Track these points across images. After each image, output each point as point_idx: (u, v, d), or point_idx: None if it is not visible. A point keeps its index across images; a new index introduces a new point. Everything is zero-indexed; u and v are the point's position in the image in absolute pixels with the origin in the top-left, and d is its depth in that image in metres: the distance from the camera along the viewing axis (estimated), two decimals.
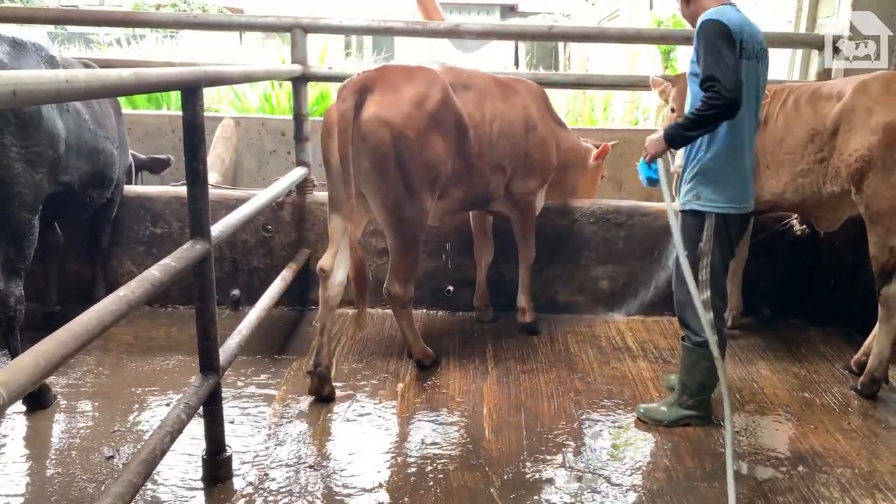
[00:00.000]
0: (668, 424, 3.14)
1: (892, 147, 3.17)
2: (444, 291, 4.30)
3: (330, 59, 11.43)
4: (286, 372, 3.54)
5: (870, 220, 3.33)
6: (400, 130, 3.05)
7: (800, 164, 3.53)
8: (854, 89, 3.34)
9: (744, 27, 2.72)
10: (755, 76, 2.79)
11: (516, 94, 3.72)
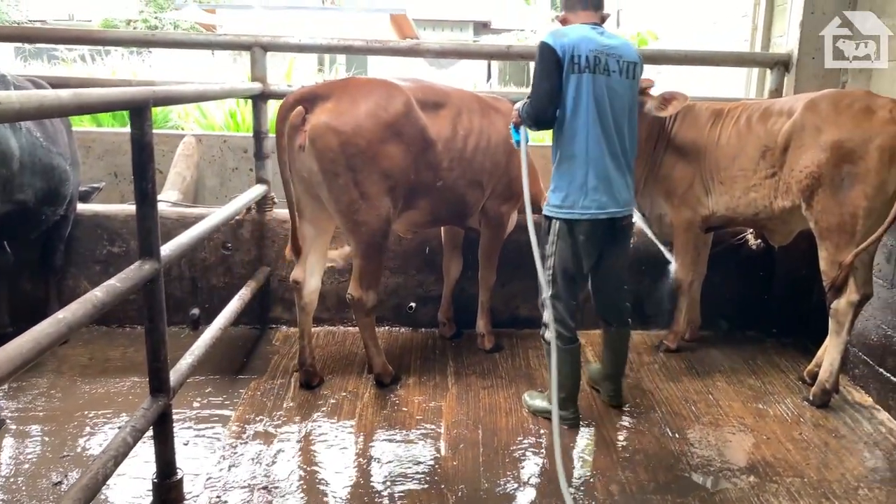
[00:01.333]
0: (534, 413, 3.36)
1: (840, 165, 3.23)
2: (406, 308, 4.30)
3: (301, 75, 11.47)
4: (244, 392, 3.51)
5: (819, 235, 3.39)
6: (349, 138, 3.13)
7: (752, 179, 3.59)
8: (804, 107, 3.40)
9: (582, 43, 2.87)
10: (602, 88, 2.89)
11: (498, 113, 3.75)
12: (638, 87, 3.08)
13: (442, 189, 3.49)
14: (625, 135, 3.00)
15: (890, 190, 3.18)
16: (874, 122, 3.17)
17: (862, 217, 3.21)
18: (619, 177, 3.02)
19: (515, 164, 3.79)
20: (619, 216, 3.05)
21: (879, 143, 3.13)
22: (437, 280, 4.27)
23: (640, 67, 3.07)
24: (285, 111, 3.19)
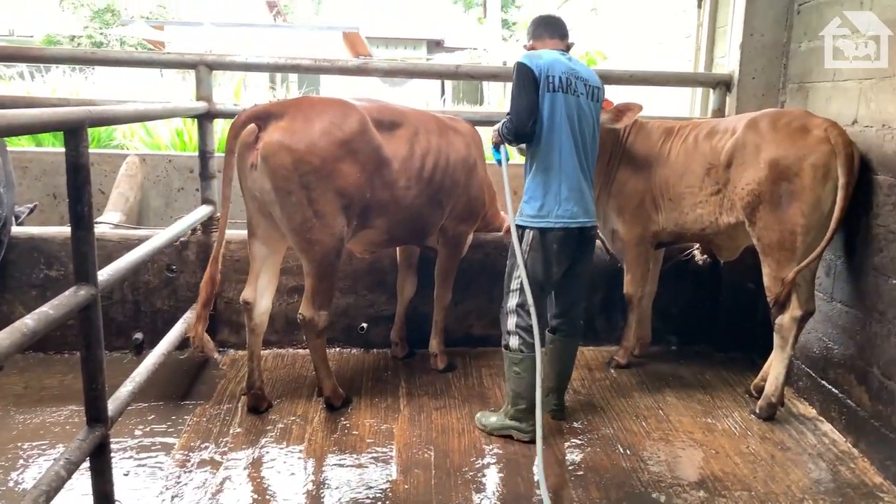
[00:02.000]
0: (490, 432, 3.36)
1: (779, 182, 3.31)
2: (357, 329, 4.25)
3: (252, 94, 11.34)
4: (189, 418, 3.41)
5: (762, 252, 3.46)
6: (302, 156, 3.11)
7: (698, 196, 3.67)
8: (745, 126, 3.50)
9: (555, 66, 3.07)
10: (573, 107, 3.09)
11: (457, 133, 3.78)
12: (599, 111, 3.28)
13: (399, 206, 3.48)
14: (589, 151, 3.21)
15: (826, 207, 3.26)
16: (808, 140, 3.26)
17: (800, 234, 3.29)
18: (587, 188, 3.21)
19: (474, 184, 3.83)
20: (589, 226, 3.21)
21: (813, 160, 3.22)
22: (388, 300, 4.24)
23: (603, 92, 3.29)
24: (237, 129, 3.16)
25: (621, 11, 8.89)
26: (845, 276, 3.51)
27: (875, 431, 3.23)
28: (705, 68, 5.03)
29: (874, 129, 3.30)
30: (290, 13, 37.56)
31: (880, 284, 3.23)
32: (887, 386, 3.16)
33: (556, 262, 3.17)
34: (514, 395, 3.28)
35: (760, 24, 4.21)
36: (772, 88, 4.29)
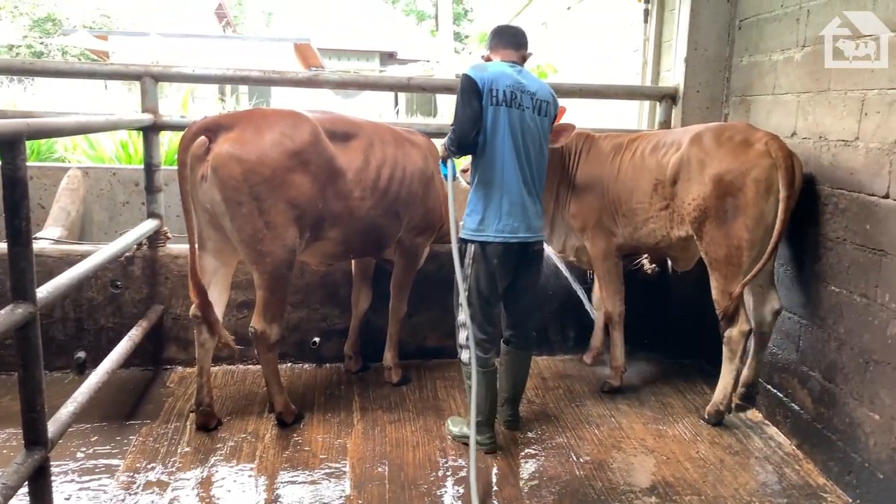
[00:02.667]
0: (454, 438, 3.42)
1: (723, 198, 3.32)
2: (309, 344, 4.19)
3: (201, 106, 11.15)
4: (134, 439, 3.30)
5: (710, 265, 3.49)
6: (252, 166, 3.08)
7: (649, 211, 3.68)
8: (689, 141, 3.51)
9: (500, 79, 3.04)
10: (516, 121, 3.06)
11: (414, 145, 3.79)
12: (549, 125, 3.23)
13: (354, 218, 3.46)
14: (534, 166, 3.16)
15: (769, 221, 3.29)
16: (750, 154, 3.29)
17: (746, 248, 3.32)
18: (531, 204, 3.17)
19: (432, 196, 3.83)
20: (531, 241, 3.17)
21: (755, 175, 3.25)
22: (341, 313, 4.19)
23: (554, 106, 3.22)
24: (188, 141, 3.12)
25: (571, 25, 9.05)
26: (787, 284, 3.62)
27: (818, 433, 3.32)
28: (652, 81, 5.14)
29: (812, 142, 3.42)
30: (240, 24, 37.19)
31: (820, 291, 3.34)
32: (829, 389, 3.26)
33: (498, 275, 3.17)
34: (474, 408, 3.22)
35: (704, 40, 4.33)
36: (715, 101, 4.42)
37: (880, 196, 2.93)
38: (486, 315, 3.22)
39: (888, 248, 2.88)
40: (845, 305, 3.15)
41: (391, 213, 3.61)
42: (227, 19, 30.88)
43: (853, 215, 3.11)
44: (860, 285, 3.05)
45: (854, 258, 3.09)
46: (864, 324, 3.02)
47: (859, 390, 3.04)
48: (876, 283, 2.95)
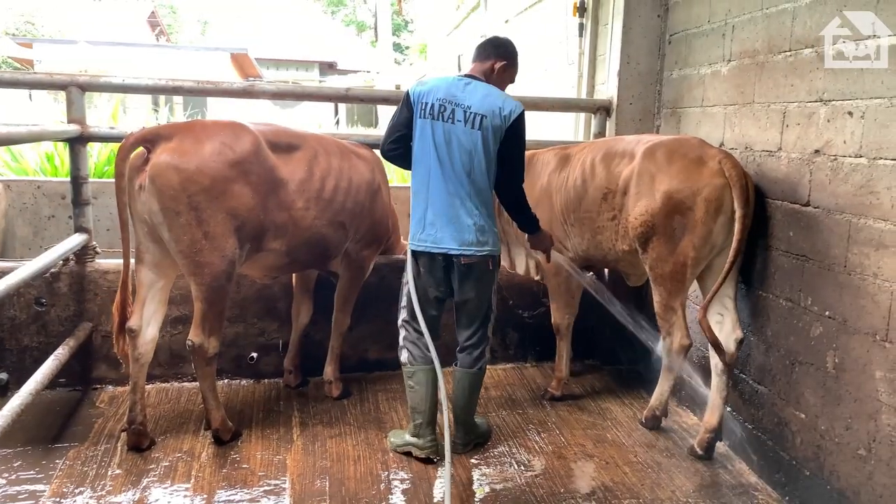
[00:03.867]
0: (394, 450, 3.40)
1: (671, 215, 3.27)
2: (247, 359, 4.10)
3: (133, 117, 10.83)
4: (61, 462, 3.16)
5: (653, 280, 3.46)
6: (191, 175, 3.03)
7: (596, 221, 3.64)
8: (642, 154, 3.44)
9: (433, 92, 3.08)
10: (447, 135, 3.06)
11: (360, 157, 3.77)
12: (491, 138, 3.08)
13: (298, 229, 3.41)
14: (467, 180, 3.09)
15: (717, 240, 3.28)
16: (703, 173, 3.21)
17: (690, 266, 3.30)
18: (466, 216, 3.11)
19: (378, 208, 3.82)
20: (457, 254, 3.12)
21: (706, 195, 3.18)
22: (279, 327, 4.12)
23: (493, 119, 3.06)
24: (125, 151, 3.06)
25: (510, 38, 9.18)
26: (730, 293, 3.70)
27: (748, 433, 3.43)
28: (588, 94, 5.25)
29: (738, 152, 3.55)
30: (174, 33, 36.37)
31: (748, 296, 3.46)
32: (758, 391, 3.37)
33: (427, 284, 3.22)
34: (411, 410, 3.34)
35: (636, 54, 4.46)
36: (648, 113, 4.54)
37: (801, 204, 3.06)
38: (424, 318, 3.23)
39: (810, 254, 3.01)
40: (772, 310, 3.27)
41: (336, 223, 3.58)
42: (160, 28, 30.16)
43: (777, 222, 3.24)
44: (785, 290, 3.18)
45: (779, 264, 3.22)
46: (789, 327, 3.15)
47: (786, 391, 3.16)
48: (799, 287, 3.07)
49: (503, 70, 3.25)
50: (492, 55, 3.25)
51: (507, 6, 9.06)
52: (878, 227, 2.63)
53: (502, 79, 3.28)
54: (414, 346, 3.28)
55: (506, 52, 3.27)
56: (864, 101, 2.70)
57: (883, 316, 2.60)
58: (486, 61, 3.24)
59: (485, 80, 3.19)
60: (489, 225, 3.18)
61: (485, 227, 3.15)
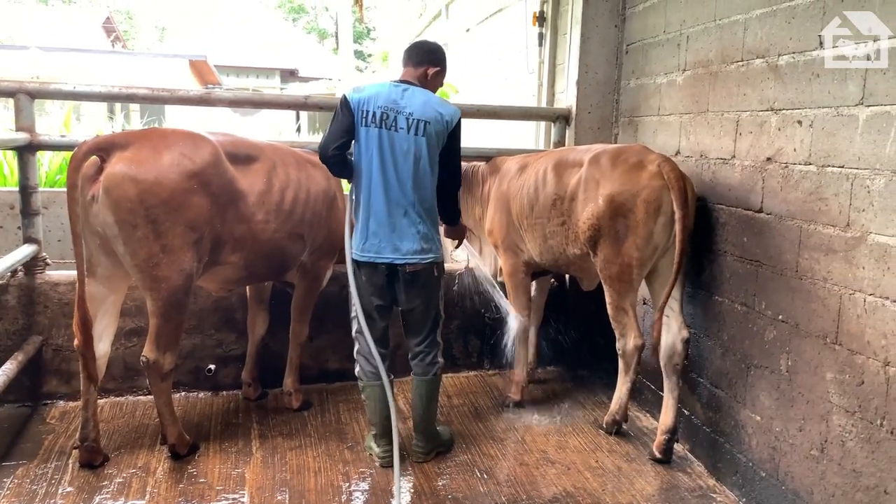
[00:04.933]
0: (368, 452, 3.45)
1: (616, 218, 3.37)
2: (205, 371, 4.02)
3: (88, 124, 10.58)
4: (8, 481, 3.05)
5: (604, 282, 3.55)
6: (149, 187, 2.94)
7: (547, 227, 3.73)
8: (589, 161, 3.55)
9: (373, 99, 3.06)
10: (386, 142, 3.05)
11: (316, 166, 3.71)
12: (434, 143, 3.10)
13: (257, 241, 3.36)
14: (413, 188, 3.08)
15: (659, 241, 3.37)
16: (642, 176, 3.35)
17: (636, 266, 3.40)
18: (408, 226, 3.11)
19: (335, 217, 3.79)
20: (400, 264, 3.12)
21: (645, 196, 3.32)
22: (237, 339, 4.05)
23: (435, 125, 3.08)
24: (78, 161, 2.94)
25: (472, 47, 9.22)
26: (676, 295, 3.78)
27: (707, 436, 3.49)
28: (548, 103, 5.29)
29: (694, 160, 3.61)
30: (130, 39, 35.74)
31: (705, 301, 3.52)
32: (715, 394, 3.43)
33: (370, 293, 3.22)
34: (368, 420, 3.38)
35: (594, 63, 4.51)
36: (606, 122, 4.60)
37: (755, 210, 3.13)
38: (372, 329, 3.23)
39: (763, 259, 3.07)
40: (728, 314, 3.33)
41: (295, 235, 3.53)
42: (116, 34, 29.55)
43: (732, 228, 3.30)
44: (740, 295, 3.24)
45: (734, 269, 3.28)
46: (744, 331, 3.21)
47: (742, 394, 3.22)
48: (754, 292, 3.14)
49: (436, 76, 3.27)
50: (424, 61, 3.25)
51: (469, 15, 9.11)
52: (827, 232, 2.70)
53: (434, 84, 3.29)
54: (365, 361, 3.28)
55: (437, 59, 3.29)
56: (812, 110, 2.78)
57: (833, 319, 2.67)
58: (419, 67, 3.23)
59: (419, 84, 3.19)
60: (432, 232, 3.20)
61: (428, 235, 3.17)
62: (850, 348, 2.59)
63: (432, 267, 3.21)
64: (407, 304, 3.22)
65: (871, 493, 2.49)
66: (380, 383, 3.24)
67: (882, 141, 2.45)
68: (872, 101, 2.49)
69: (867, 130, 2.51)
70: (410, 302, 3.21)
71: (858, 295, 2.55)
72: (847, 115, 2.60)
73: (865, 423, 2.52)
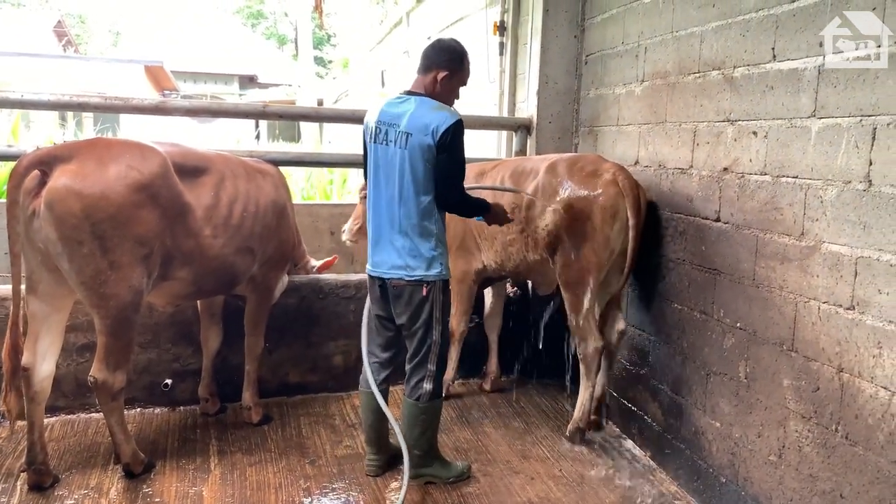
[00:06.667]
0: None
1: (573, 223, 3.47)
2: (161, 386, 3.91)
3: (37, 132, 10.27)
4: None
5: (562, 286, 3.63)
6: (94, 202, 2.83)
7: (507, 234, 3.78)
8: (545, 169, 3.64)
9: (372, 115, 3.06)
10: (383, 158, 3.01)
11: (265, 175, 3.66)
12: (423, 156, 2.91)
13: (206, 256, 3.27)
14: (405, 201, 2.98)
15: (615, 246, 3.48)
16: (598, 183, 3.46)
17: (594, 271, 3.48)
18: (395, 240, 3.03)
19: (285, 227, 3.74)
20: (387, 278, 3.07)
21: (602, 203, 3.42)
22: (195, 352, 3.95)
23: (428, 135, 2.88)
24: (19, 175, 2.81)
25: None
26: (637, 303, 3.83)
27: (668, 443, 3.52)
28: (509, 112, 5.31)
29: (652, 169, 3.66)
30: (83, 44, 34.92)
31: (665, 309, 3.56)
32: (676, 401, 3.46)
33: (373, 304, 3.24)
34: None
35: (554, 73, 4.54)
36: (566, 132, 4.64)
37: (712, 220, 3.18)
38: (371, 338, 3.28)
39: (721, 268, 3.12)
40: (687, 322, 3.37)
41: (244, 249, 3.46)
42: (67, 38, 28.81)
43: (690, 237, 3.35)
44: (699, 302, 3.28)
45: (693, 277, 3.32)
46: (703, 338, 3.25)
47: (702, 401, 3.26)
48: (712, 300, 3.18)
49: (447, 80, 3.02)
50: (433, 65, 3.02)
51: (430, 23, 9.12)
52: (783, 241, 2.75)
53: (449, 89, 3.05)
54: (366, 367, 3.27)
55: (447, 61, 3.02)
56: (766, 121, 2.83)
57: (789, 326, 2.72)
58: (428, 73, 3.02)
59: (426, 93, 3.01)
60: (425, 248, 3.01)
61: (416, 251, 3.01)
62: (806, 355, 2.64)
63: (421, 286, 3.02)
64: (397, 319, 3.16)
65: (828, 498, 2.53)
66: (368, 391, 3.21)
67: (834, 152, 2.50)
68: (824, 114, 2.55)
69: (819, 142, 2.57)
70: (399, 317, 3.14)
71: (813, 303, 2.60)
72: (800, 127, 2.66)
73: (821, 428, 2.57)
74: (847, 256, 2.45)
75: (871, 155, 2.36)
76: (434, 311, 3.06)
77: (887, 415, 2.29)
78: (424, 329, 3.08)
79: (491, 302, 4.45)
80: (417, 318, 3.07)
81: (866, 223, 2.38)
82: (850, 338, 2.44)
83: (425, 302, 3.05)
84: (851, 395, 2.44)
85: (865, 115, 2.39)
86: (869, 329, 2.37)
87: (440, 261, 3.06)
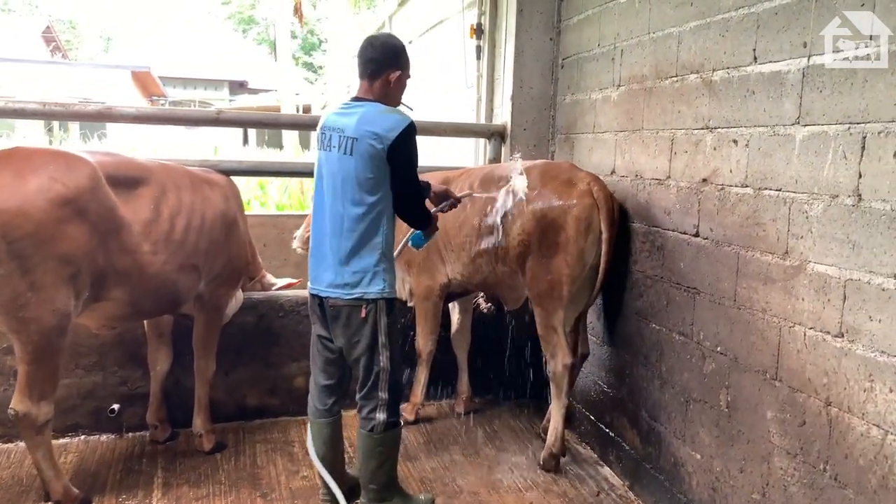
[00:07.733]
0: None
1: (545, 233, 3.29)
2: (107, 411, 3.66)
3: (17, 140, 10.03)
4: None
5: (533, 300, 3.45)
6: (11, 219, 2.58)
7: (476, 245, 3.59)
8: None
9: (323, 121, 2.83)
10: (327, 165, 2.76)
11: (213, 187, 3.40)
12: (368, 162, 2.66)
13: (144, 275, 3.02)
14: (348, 211, 2.71)
15: (588, 258, 3.30)
16: (572, 193, 3.28)
17: (566, 283, 3.29)
18: (334, 254, 2.74)
19: (235, 241, 3.50)
20: (327, 296, 2.78)
21: (576, 213, 3.24)
22: (144, 375, 3.70)
23: (376, 140, 2.64)
24: None
25: (415, 59, 9.02)
26: (613, 321, 3.60)
27: (647, 473, 3.28)
28: (486, 118, 5.09)
29: (629, 179, 3.43)
30: (73, 50, 34.64)
31: (642, 328, 3.33)
32: (655, 428, 3.23)
33: (315, 323, 2.92)
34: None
35: (529, 78, 4.32)
36: (542, 139, 4.41)
37: (691, 234, 2.95)
38: (317, 365, 2.94)
39: (700, 287, 2.89)
40: (665, 343, 3.14)
41: (189, 267, 3.20)
42: (55, 43, 28.56)
43: (668, 253, 3.12)
44: (678, 323, 3.05)
45: (671, 296, 3.09)
46: (683, 362, 3.02)
47: (681, 429, 3.02)
48: (691, 321, 2.95)
49: (399, 80, 2.81)
50: (384, 68, 2.76)
51: (411, 27, 8.91)
52: (766, 259, 2.52)
53: (400, 87, 2.84)
54: (311, 398, 2.99)
55: (396, 59, 2.80)
56: (748, 129, 2.61)
57: (772, 353, 2.49)
58: (378, 77, 2.76)
59: (377, 98, 2.76)
60: (368, 263, 2.73)
61: (357, 266, 2.73)
62: (791, 385, 2.41)
63: (360, 307, 2.73)
64: (336, 342, 2.85)
65: None
66: (321, 421, 2.95)
67: (820, 163, 2.28)
68: (809, 121, 2.33)
69: (804, 151, 2.35)
70: (337, 340, 2.83)
71: (798, 328, 2.37)
72: (783, 135, 2.44)
73: (808, 466, 2.34)
74: (835, 278, 2.22)
75: (860, 166, 2.14)
76: (377, 334, 2.76)
77: (880, 456, 2.06)
78: (368, 355, 2.77)
79: (458, 318, 4.21)
80: (357, 343, 2.77)
81: (855, 242, 2.15)
82: (838, 368, 2.21)
83: (364, 325, 2.74)
84: (841, 431, 2.21)
85: (854, 122, 2.17)
86: (859, 359, 2.14)
87: (383, 277, 2.75)
